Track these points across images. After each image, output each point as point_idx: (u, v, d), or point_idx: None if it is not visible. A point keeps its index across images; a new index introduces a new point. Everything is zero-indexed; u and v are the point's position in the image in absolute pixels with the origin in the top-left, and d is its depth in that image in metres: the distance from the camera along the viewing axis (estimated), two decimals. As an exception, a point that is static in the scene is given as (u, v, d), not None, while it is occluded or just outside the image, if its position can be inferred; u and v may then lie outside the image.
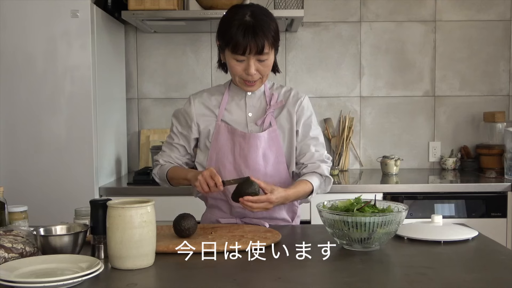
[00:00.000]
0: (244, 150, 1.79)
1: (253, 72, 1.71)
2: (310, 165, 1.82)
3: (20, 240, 1.37)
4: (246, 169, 1.79)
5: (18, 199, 1.84)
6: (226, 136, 1.81)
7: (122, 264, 1.30)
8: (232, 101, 1.85)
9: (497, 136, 3.21)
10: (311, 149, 1.83)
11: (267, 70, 1.76)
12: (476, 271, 1.32)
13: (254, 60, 1.70)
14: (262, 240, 1.51)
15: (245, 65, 1.71)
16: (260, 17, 1.70)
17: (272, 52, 1.75)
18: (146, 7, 2.84)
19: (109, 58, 2.97)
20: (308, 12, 3.22)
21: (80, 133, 2.63)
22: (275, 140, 1.81)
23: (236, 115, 1.83)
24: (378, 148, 3.36)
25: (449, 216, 2.69)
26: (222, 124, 1.82)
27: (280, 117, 1.83)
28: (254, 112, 1.84)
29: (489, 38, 3.35)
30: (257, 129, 1.82)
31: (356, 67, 3.37)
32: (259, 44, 1.67)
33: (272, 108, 1.82)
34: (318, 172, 1.81)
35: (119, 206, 1.29)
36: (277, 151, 1.81)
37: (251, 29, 1.66)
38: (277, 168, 1.82)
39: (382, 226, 1.39)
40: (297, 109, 1.84)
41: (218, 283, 1.23)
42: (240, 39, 1.66)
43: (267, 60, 1.73)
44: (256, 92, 1.86)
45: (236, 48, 1.67)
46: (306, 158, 1.83)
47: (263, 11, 1.75)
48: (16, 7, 2.59)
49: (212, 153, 1.82)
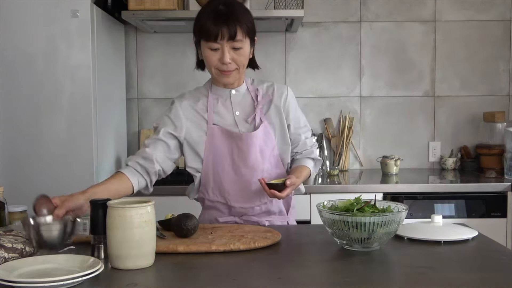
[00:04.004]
0: (243, 151, 1.78)
1: (227, 61, 1.70)
2: (304, 152, 1.92)
3: (20, 240, 1.37)
4: (245, 169, 1.79)
5: (18, 199, 1.84)
6: (221, 138, 1.80)
7: (122, 264, 1.30)
8: (218, 102, 1.84)
9: (497, 136, 3.21)
10: (302, 137, 1.91)
11: (243, 59, 1.75)
12: (476, 271, 1.32)
13: (228, 48, 1.70)
14: (262, 240, 1.50)
15: (219, 54, 1.71)
16: (234, 6, 1.71)
17: (247, 42, 1.74)
18: (146, 7, 2.84)
19: (109, 58, 2.97)
20: (308, 12, 3.22)
21: (80, 133, 2.63)
22: (268, 135, 1.82)
23: (224, 116, 1.82)
24: (378, 148, 3.36)
25: (449, 216, 2.69)
26: (215, 127, 1.80)
27: (269, 113, 1.84)
28: (241, 110, 1.83)
29: (489, 38, 3.35)
30: (248, 127, 1.81)
31: (356, 67, 3.37)
32: (231, 30, 1.67)
33: (261, 104, 1.83)
34: (311, 157, 1.93)
35: (119, 206, 1.29)
36: (272, 146, 1.83)
37: (223, 15, 1.68)
38: (273, 162, 1.83)
39: (382, 226, 1.39)
40: (283, 103, 1.85)
41: (218, 283, 1.23)
42: (212, 26, 1.67)
43: (241, 49, 1.72)
44: (240, 89, 1.85)
45: (208, 35, 1.68)
46: (300, 147, 1.92)
47: (237, 3, 1.76)
48: (16, 7, 2.59)
49: (207, 157, 1.81)
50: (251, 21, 1.74)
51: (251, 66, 1.85)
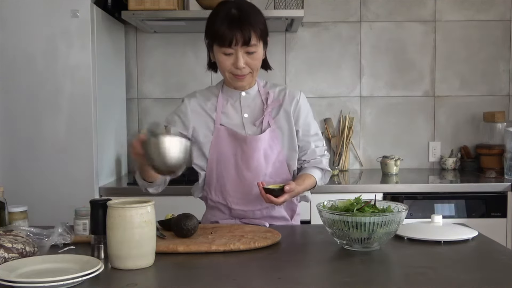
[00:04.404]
0: (246, 154, 1.77)
1: (241, 65, 1.70)
2: (313, 161, 1.87)
3: (20, 240, 1.37)
4: (248, 172, 1.78)
5: (18, 199, 1.84)
6: (227, 139, 1.79)
7: (122, 264, 1.30)
8: (227, 103, 1.83)
9: (497, 136, 3.21)
10: (312, 146, 1.87)
11: (256, 63, 1.74)
12: (476, 271, 1.32)
13: (242, 53, 1.69)
14: (262, 240, 1.51)
15: (233, 58, 1.70)
16: (246, 10, 1.69)
17: (261, 45, 1.73)
18: (146, 7, 2.84)
19: (109, 58, 2.97)
20: (308, 12, 3.22)
21: (80, 133, 2.63)
22: (275, 140, 1.80)
23: (232, 117, 1.82)
24: (378, 148, 3.36)
25: (449, 216, 2.69)
26: (221, 128, 1.80)
27: (278, 117, 1.82)
28: (250, 112, 1.82)
29: (489, 38, 3.35)
30: (255, 130, 1.81)
31: (356, 67, 3.37)
32: (246, 35, 1.65)
33: (270, 107, 1.81)
34: (320, 167, 1.87)
35: (119, 206, 1.29)
36: (278, 151, 1.81)
37: (237, 20, 1.66)
38: (277, 167, 1.82)
39: (382, 226, 1.39)
40: (294, 108, 1.83)
41: (218, 283, 1.23)
42: (226, 31, 1.65)
43: (255, 53, 1.71)
44: (250, 91, 1.84)
45: (223, 40, 1.66)
46: (308, 155, 1.87)
47: (249, 5, 1.74)
48: (16, 7, 2.59)
49: (212, 157, 1.80)
50: (264, 22, 1.72)
51: (263, 67, 1.83)
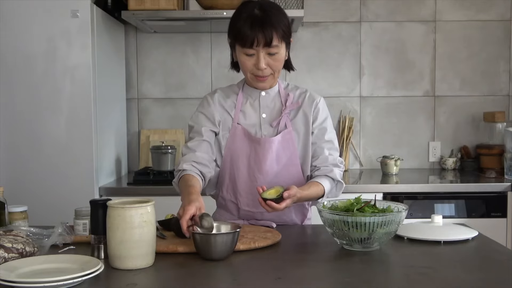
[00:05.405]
0: (259, 155, 1.76)
1: (263, 66, 1.69)
2: (323, 168, 1.78)
3: (20, 240, 1.37)
4: (259, 174, 1.76)
5: (18, 199, 1.84)
6: (242, 139, 1.78)
7: (122, 264, 1.30)
8: (247, 102, 1.82)
9: (497, 136, 3.21)
10: (325, 152, 1.79)
11: (278, 65, 1.73)
12: (476, 271, 1.32)
13: (264, 54, 1.68)
14: (262, 240, 1.51)
15: (255, 59, 1.69)
16: (269, 10, 1.68)
17: (283, 46, 1.72)
18: (146, 7, 2.84)
19: (109, 58, 2.97)
20: (308, 12, 3.22)
21: (80, 133, 2.63)
22: (289, 142, 1.78)
23: (250, 117, 1.81)
24: (378, 148, 3.36)
25: (449, 216, 2.69)
26: (238, 127, 1.79)
27: (296, 119, 1.80)
28: (268, 113, 1.81)
29: (489, 38, 3.35)
30: (271, 131, 1.79)
31: (356, 67, 3.37)
32: (267, 36, 1.64)
33: (288, 109, 1.79)
34: (330, 176, 1.77)
35: (119, 206, 1.29)
36: (291, 153, 1.78)
37: (259, 20, 1.65)
38: (289, 170, 1.79)
39: (382, 226, 1.39)
40: (313, 110, 1.81)
41: (218, 283, 1.23)
42: (248, 31, 1.64)
43: (277, 54, 1.70)
44: (270, 92, 1.83)
45: (244, 40, 1.65)
46: (320, 161, 1.79)
47: (273, 5, 1.73)
48: (16, 7, 2.59)
49: (226, 155, 1.80)
50: (287, 24, 1.71)
51: (286, 67, 1.82)
